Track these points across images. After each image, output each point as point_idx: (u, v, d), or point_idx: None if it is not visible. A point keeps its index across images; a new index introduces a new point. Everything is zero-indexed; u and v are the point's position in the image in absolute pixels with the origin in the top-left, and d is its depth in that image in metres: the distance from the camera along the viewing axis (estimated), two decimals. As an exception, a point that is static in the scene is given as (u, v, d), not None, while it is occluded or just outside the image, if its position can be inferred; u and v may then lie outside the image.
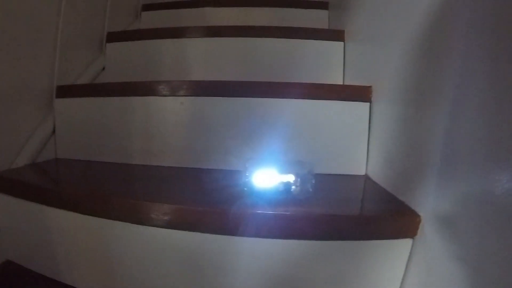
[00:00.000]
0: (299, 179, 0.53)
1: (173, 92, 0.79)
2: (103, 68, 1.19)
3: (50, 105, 0.90)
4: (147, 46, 1.15)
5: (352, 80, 0.94)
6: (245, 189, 0.55)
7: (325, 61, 1.03)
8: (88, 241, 0.60)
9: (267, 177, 0.53)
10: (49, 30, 0.88)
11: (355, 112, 0.74)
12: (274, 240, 0.50)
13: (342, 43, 1.04)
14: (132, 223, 0.54)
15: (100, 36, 1.19)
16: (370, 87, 0.74)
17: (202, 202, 0.55)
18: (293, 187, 0.53)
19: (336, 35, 1.04)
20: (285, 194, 0.53)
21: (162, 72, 1.13)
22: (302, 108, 0.75)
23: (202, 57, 1.10)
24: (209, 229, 0.51)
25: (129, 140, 0.84)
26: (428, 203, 0.46)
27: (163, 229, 0.52)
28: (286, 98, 0.75)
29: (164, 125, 0.81)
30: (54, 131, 0.89)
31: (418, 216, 0.47)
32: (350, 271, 0.52)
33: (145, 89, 0.81)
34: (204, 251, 0.52)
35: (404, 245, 0.49)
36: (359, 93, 0.75)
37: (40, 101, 0.87)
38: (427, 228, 0.46)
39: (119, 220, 0.55)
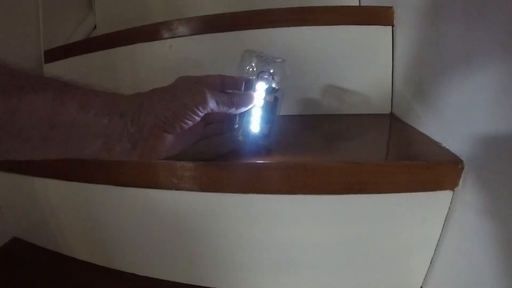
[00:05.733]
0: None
1: (160, 35, 0.68)
2: (95, 27, 1.09)
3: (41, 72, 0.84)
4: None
5: (369, 1, 0.78)
6: None
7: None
8: (75, 208, 0.57)
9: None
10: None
11: (374, 38, 0.61)
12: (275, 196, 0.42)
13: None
14: (111, 184, 0.49)
15: (88, -8, 1.08)
16: (391, 8, 0.61)
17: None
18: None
19: None
20: None
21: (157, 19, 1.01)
22: (312, 36, 0.62)
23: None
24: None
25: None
26: (474, 146, 0.35)
27: (140, 188, 0.47)
28: (289, 26, 0.62)
29: (153, 74, 0.72)
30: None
31: (461, 162, 0.37)
32: (377, 230, 0.43)
33: (129, 36, 0.71)
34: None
35: (442, 198, 0.39)
36: (379, 15, 0.61)
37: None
38: (472, 178, 0.36)
39: (98, 183, 0.50)
